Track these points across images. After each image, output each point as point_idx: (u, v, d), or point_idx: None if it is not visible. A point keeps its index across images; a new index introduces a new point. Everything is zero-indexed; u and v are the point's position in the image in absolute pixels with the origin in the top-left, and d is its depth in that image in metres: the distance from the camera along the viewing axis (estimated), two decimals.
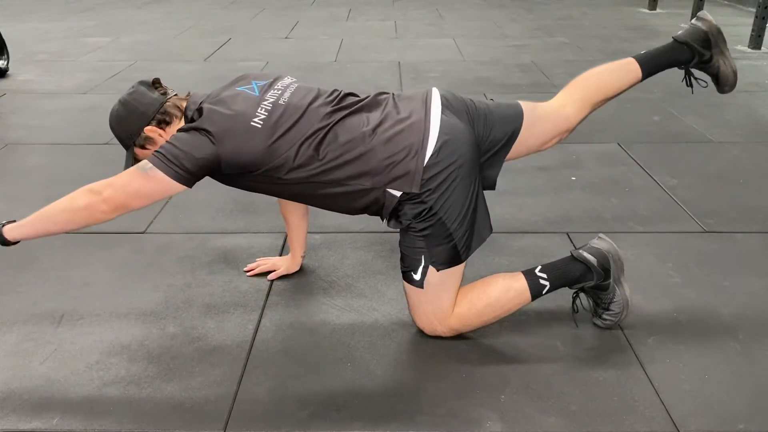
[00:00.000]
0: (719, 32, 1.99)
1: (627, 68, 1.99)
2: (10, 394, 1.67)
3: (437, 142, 1.72)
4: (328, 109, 1.77)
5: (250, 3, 8.38)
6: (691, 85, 2.07)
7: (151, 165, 1.68)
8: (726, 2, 8.11)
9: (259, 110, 1.74)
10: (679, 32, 2.01)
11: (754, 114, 3.88)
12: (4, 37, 4.91)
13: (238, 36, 6.27)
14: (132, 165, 1.84)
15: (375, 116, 1.77)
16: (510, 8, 7.94)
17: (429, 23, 6.95)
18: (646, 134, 3.55)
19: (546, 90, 4.35)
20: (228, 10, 7.85)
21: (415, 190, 1.70)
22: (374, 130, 1.74)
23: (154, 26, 6.82)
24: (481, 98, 2.09)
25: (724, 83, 2.03)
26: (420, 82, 4.56)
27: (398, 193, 1.72)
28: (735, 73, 2.01)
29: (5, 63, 4.85)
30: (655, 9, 7.67)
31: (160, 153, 1.69)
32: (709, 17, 2.00)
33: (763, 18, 5.51)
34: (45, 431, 1.55)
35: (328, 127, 1.74)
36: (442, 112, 1.78)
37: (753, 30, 5.59)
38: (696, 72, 2.06)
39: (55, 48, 5.77)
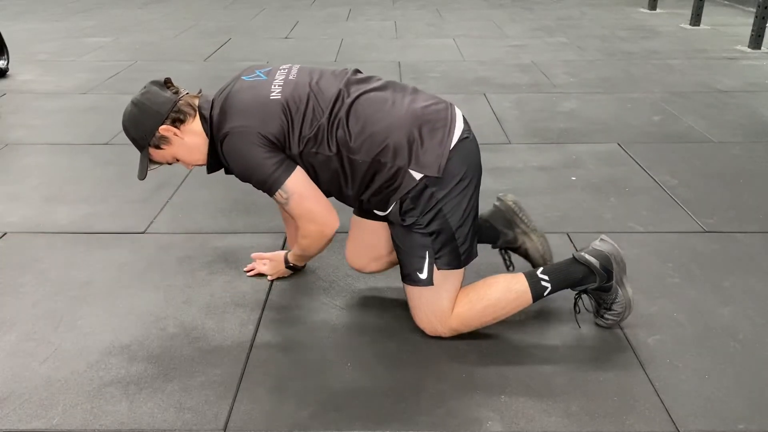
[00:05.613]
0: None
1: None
2: (10, 394, 1.67)
3: (461, 134, 1.76)
4: (344, 81, 1.81)
5: (250, 3, 8.38)
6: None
7: (282, 185, 1.78)
8: (726, 2, 8.11)
9: (273, 87, 1.80)
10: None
11: (754, 114, 3.88)
12: (4, 37, 4.91)
13: (238, 36, 6.27)
14: (146, 166, 1.88)
15: (400, 95, 1.81)
16: (510, 8, 7.94)
17: (429, 23, 6.95)
18: (646, 134, 3.55)
19: (546, 90, 4.34)
20: (228, 10, 7.84)
21: (437, 174, 1.71)
22: (402, 105, 1.76)
23: (154, 26, 6.82)
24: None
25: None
26: (420, 82, 4.56)
27: (418, 176, 1.73)
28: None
29: (5, 63, 4.85)
30: (655, 9, 7.66)
31: (270, 176, 1.76)
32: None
33: (763, 18, 5.51)
34: (45, 431, 1.56)
35: (352, 99, 1.76)
36: (462, 114, 1.82)
37: (753, 30, 5.59)
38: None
39: (55, 48, 5.77)
